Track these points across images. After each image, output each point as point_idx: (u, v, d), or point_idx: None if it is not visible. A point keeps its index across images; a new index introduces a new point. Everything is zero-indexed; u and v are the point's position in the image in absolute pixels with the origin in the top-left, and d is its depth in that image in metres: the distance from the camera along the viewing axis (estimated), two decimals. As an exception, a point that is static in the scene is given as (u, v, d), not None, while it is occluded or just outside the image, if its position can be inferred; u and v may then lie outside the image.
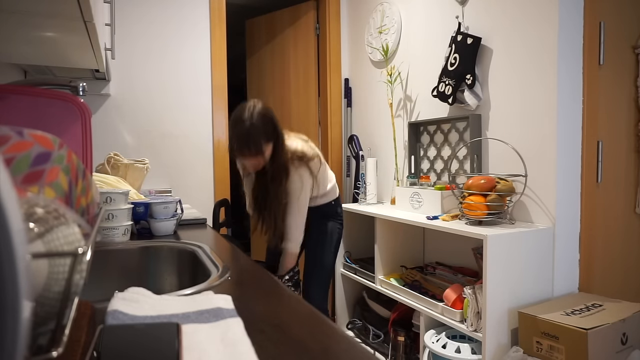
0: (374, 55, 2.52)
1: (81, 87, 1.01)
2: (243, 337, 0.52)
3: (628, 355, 1.35)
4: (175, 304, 0.63)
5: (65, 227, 0.40)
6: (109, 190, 1.21)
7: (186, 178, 2.43)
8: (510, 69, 1.72)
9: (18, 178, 0.48)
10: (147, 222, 1.38)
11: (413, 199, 1.99)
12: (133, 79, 2.31)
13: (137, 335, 0.42)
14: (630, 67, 1.75)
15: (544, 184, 1.60)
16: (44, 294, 0.37)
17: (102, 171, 1.81)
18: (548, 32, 1.57)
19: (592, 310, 1.41)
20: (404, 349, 1.90)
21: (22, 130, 0.50)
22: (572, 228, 1.62)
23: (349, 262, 2.32)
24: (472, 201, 1.58)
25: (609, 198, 1.70)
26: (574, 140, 1.60)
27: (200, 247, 1.16)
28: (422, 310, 1.73)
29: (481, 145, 1.85)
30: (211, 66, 2.47)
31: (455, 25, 1.90)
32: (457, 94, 1.85)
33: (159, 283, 1.19)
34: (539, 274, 1.55)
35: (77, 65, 1.48)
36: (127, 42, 2.28)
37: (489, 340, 1.44)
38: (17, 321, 0.22)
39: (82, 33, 1.04)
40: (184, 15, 2.41)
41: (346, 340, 0.57)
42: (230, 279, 0.86)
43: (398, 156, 2.34)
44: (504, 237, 1.46)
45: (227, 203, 2.20)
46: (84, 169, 0.61)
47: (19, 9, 0.86)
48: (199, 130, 2.46)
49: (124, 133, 2.30)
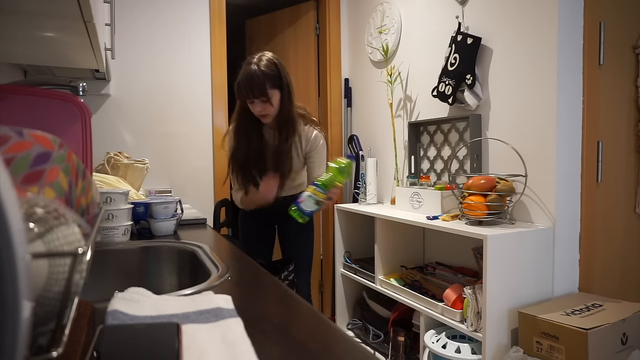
0: (374, 55, 2.52)
1: (81, 87, 1.01)
2: (243, 337, 0.52)
3: (628, 355, 1.35)
4: (175, 304, 0.63)
5: (65, 227, 0.40)
6: (109, 190, 1.21)
7: (186, 178, 2.43)
8: (510, 69, 1.72)
9: (18, 178, 0.48)
10: (147, 222, 1.38)
11: (413, 199, 1.99)
12: (133, 79, 2.31)
13: (137, 335, 0.42)
14: (630, 67, 1.75)
15: (544, 184, 1.60)
16: (44, 294, 0.37)
17: (102, 171, 1.81)
18: (548, 32, 1.57)
19: (592, 310, 1.41)
20: (404, 349, 1.90)
21: (22, 130, 0.50)
22: (572, 228, 1.62)
23: (349, 262, 2.32)
24: (472, 201, 1.58)
25: (609, 198, 1.69)
26: (574, 140, 1.60)
27: (200, 247, 1.16)
28: (422, 310, 1.72)
29: (481, 145, 1.85)
30: (211, 66, 2.47)
31: (455, 25, 1.90)
32: (457, 94, 1.85)
33: (159, 283, 1.19)
34: (539, 274, 1.55)
35: (77, 65, 1.48)
36: (127, 42, 2.28)
37: (489, 340, 1.44)
38: (17, 321, 0.22)
39: (82, 33, 1.04)
40: (184, 16, 2.41)
41: (346, 340, 0.57)
42: (230, 279, 0.86)
43: (398, 156, 2.34)
44: (504, 237, 1.46)
45: (227, 203, 2.20)
46: (84, 169, 0.61)
47: (19, 8, 0.86)
48: (199, 130, 2.46)
49: (124, 133, 2.30)
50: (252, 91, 1.51)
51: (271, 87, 1.53)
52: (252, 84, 1.50)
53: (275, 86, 1.54)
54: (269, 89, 1.52)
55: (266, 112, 1.57)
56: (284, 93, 1.57)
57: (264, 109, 1.55)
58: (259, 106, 1.55)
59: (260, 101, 1.53)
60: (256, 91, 1.51)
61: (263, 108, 1.55)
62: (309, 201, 1.37)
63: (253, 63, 1.52)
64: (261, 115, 1.58)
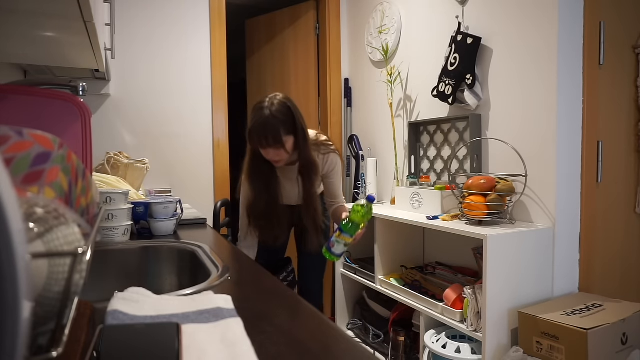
0: (374, 55, 2.52)
1: (81, 87, 1.01)
2: (243, 337, 0.52)
3: (628, 355, 1.35)
4: (175, 304, 0.63)
5: (65, 227, 0.40)
6: (109, 190, 1.21)
7: (186, 178, 2.43)
8: (510, 69, 1.72)
9: (18, 178, 0.48)
10: (147, 222, 1.38)
11: (413, 199, 1.99)
12: (133, 79, 2.31)
13: (137, 335, 0.42)
14: (630, 67, 1.75)
15: (544, 184, 1.60)
16: (44, 294, 0.37)
17: (102, 171, 1.81)
18: (548, 32, 1.57)
19: (592, 310, 1.41)
20: (404, 349, 1.90)
21: (22, 130, 0.50)
22: (572, 228, 1.62)
23: (349, 262, 2.32)
24: (472, 201, 1.58)
25: (609, 198, 1.69)
26: (574, 140, 1.60)
27: (200, 247, 1.16)
28: (422, 310, 1.72)
29: (481, 145, 1.85)
30: (211, 66, 2.47)
31: (455, 25, 1.90)
32: (457, 94, 1.85)
33: (159, 283, 1.19)
34: (539, 274, 1.55)
35: (77, 65, 1.48)
36: (127, 42, 2.28)
37: (489, 340, 1.44)
38: (17, 321, 0.22)
39: (82, 33, 1.04)
40: (184, 16, 2.41)
41: (346, 340, 0.57)
42: (230, 279, 0.86)
43: (398, 156, 2.34)
44: (504, 237, 1.46)
45: (228, 203, 2.20)
46: (84, 169, 0.61)
47: (19, 8, 0.86)
48: (199, 130, 2.46)
49: (124, 133, 2.30)
50: (266, 139, 1.45)
51: (286, 134, 1.46)
52: (266, 132, 1.44)
53: (290, 132, 1.48)
54: (284, 135, 1.46)
55: (279, 159, 1.52)
56: (298, 137, 1.51)
57: (278, 155, 1.50)
58: (273, 153, 1.49)
59: (274, 149, 1.48)
60: (270, 139, 1.44)
61: (277, 154, 1.50)
62: (338, 246, 1.48)
63: (265, 108, 1.46)
64: (274, 161, 1.54)
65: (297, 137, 1.50)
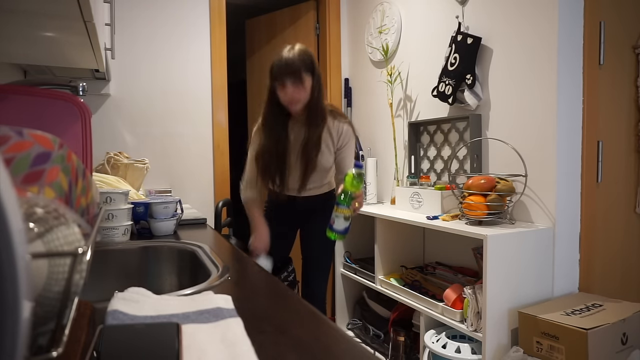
0: (374, 55, 2.52)
1: (81, 87, 1.01)
2: (243, 337, 0.52)
3: (628, 355, 1.35)
4: (175, 304, 0.63)
5: (65, 227, 0.40)
6: (109, 190, 1.21)
7: (186, 178, 2.43)
8: (510, 69, 1.72)
9: (18, 178, 0.48)
10: (147, 222, 1.38)
11: (413, 199, 1.99)
12: (133, 79, 2.31)
13: (137, 335, 0.42)
14: (630, 67, 1.75)
15: (544, 184, 1.60)
16: (44, 294, 0.37)
17: (102, 171, 1.81)
18: (548, 32, 1.57)
19: (592, 310, 1.41)
20: (404, 349, 1.90)
21: (22, 130, 0.50)
22: (572, 228, 1.62)
23: (349, 262, 2.32)
24: (472, 201, 1.58)
25: (609, 198, 1.69)
26: (574, 140, 1.60)
27: (200, 247, 1.16)
28: (422, 310, 1.72)
29: (481, 145, 1.85)
30: (211, 66, 2.47)
31: (455, 25, 1.90)
32: (457, 94, 1.85)
33: (159, 283, 1.19)
34: (539, 274, 1.55)
35: (77, 65, 1.48)
36: (127, 42, 2.28)
37: (489, 340, 1.44)
38: (17, 321, 0.22)
39: (82, 33, 1.04)
40: (184, 16, 2.41)
41: (346, 340, 0.57)
42: (230, 279, 0.86)
43: (398, 156, 2.34)
44: (504, 237, 1.46)
45: (229, 203, 2.20)
46: (84, 169, 0.61)
47: (19, 8, 0.86)
48: (199, 130, 2.46)
49: (124, 133, 2.30)
50: (287, 73, 1.53)
51: (305, 72, 1.55)
52: (288, 66, 1.53)
53: (309, 71, 1.57)
54: (303, 72, 1.55)
55: (298, 97, 1.56)
56: (315, 81, 1.60)
57: (297, 92, 1.55)
58: (291, 89, 1.55)
59: (293, 85, 1.54)
60: (290, 73, 1.53)
61: (295, 91, 1.55)
62: (338, 220, 1.43)
63: (288, 50, 1.58)
64: (292, 101, 1.57)
65: (314, 79, 1.59)
